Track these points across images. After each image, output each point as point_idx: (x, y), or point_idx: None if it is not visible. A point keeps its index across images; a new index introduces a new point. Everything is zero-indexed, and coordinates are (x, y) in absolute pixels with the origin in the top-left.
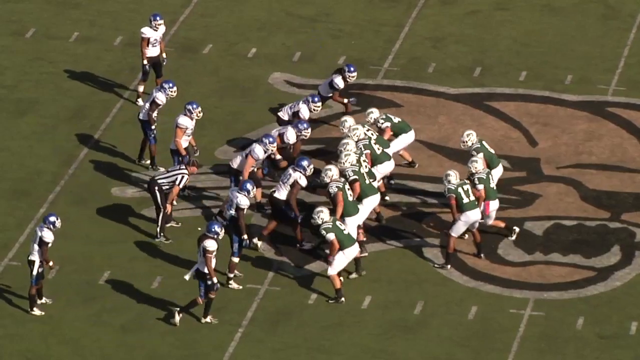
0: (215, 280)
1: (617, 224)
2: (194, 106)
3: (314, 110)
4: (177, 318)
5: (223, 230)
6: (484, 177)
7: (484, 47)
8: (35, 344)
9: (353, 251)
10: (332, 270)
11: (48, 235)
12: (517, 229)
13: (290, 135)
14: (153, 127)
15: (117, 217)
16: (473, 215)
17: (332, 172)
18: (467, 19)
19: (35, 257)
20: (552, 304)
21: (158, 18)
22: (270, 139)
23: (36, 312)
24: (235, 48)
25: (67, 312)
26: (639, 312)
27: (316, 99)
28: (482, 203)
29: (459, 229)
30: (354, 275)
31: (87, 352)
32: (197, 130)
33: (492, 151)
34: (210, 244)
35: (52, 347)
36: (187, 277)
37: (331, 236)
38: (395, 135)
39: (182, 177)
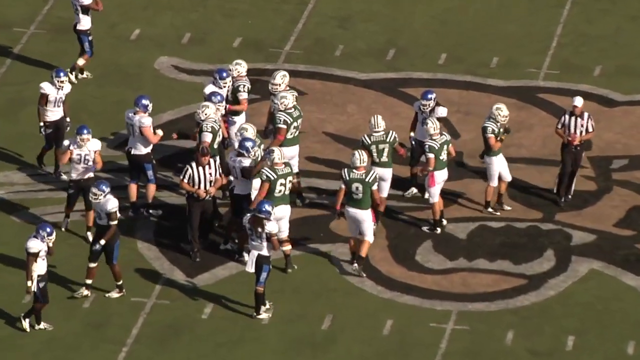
0: (285, 248)
1: (551, 225)
2: (61, 74)
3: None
4: (265, 315)
5: (273, 208)
6: (436, 146)
7: (398, 27)
8: None
9: (280, 211)
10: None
11: (32, 245)
12: (439, 228)
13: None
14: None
15: None
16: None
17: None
18: None
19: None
20: (478, 317)
21: None
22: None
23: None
24: (117, 29)
25: None
26: (576, 325)
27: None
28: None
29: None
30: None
31: None
32: (74, 124)
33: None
34: (273, 226)
35: None
36: (250, 269)
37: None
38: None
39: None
